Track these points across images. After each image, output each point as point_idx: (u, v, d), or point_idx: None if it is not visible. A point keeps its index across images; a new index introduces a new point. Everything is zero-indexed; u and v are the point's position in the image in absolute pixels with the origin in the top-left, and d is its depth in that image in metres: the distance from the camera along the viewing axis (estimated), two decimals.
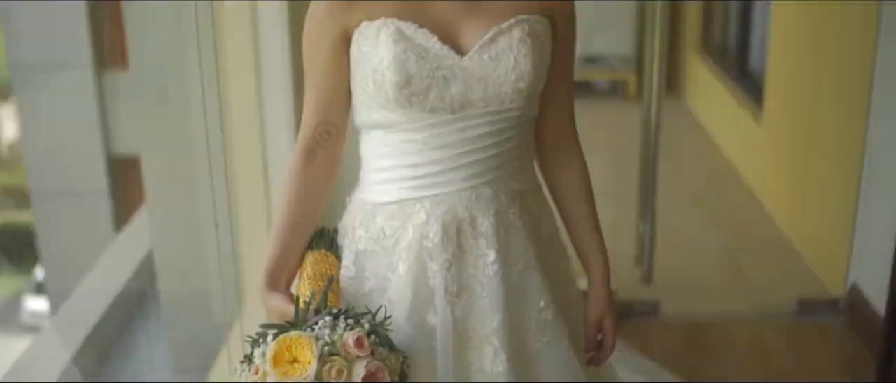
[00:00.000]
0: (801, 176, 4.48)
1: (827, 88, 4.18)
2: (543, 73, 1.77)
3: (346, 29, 1.74)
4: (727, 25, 6.33)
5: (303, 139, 1.83)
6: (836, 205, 3.98)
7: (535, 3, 1.76)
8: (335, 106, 1.80)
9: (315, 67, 1.79)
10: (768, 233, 4.61)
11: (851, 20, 3.86)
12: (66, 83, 4.36)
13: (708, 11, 6.78)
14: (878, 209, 3.54)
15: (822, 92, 4.23)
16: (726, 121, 5.95)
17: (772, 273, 4.18)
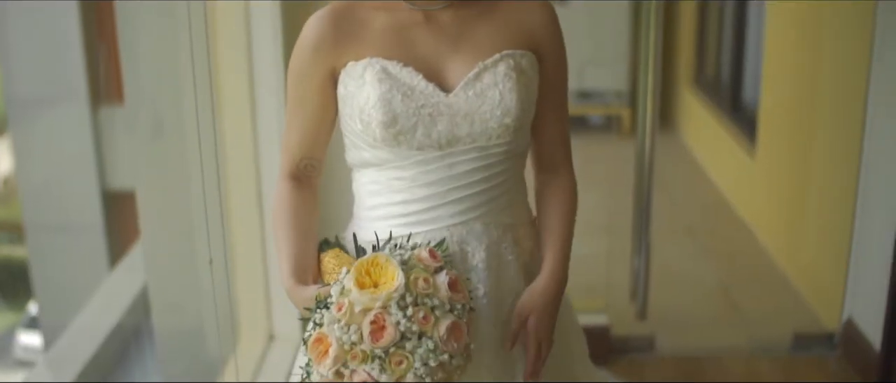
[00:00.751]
0: (796, 209, 4.48)
1: (821, 122, 4.19)
2: (530, 106, 1.78)
3: (333, 68, 1.75)
4: (720, 60, 6.36)
5: (287, 169, 1.85)
6: (830, 238, 3.98)
7: (521, 37, 1.77)
8: (319, 141, 1.82)
9: (302, 105, 1.80)
10: (763, 267, 4.61)
11: (844, 54, 3.88)
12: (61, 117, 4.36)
13: (701, 46, 6.80)
14: (873, 242, 3.55)
15: (816, 125, 4.25)
16: (720, 154, 5.96)
17: (767, 307, 4.18)
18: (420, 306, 1.51)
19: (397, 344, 1.49)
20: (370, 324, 1.49)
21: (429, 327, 1.51)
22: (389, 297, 1.50)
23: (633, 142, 3.87)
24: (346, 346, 1.50)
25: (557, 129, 1.87)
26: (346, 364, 1.50)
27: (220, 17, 3.15)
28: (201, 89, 2.63)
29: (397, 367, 1.49)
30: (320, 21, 1.76)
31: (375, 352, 1.49)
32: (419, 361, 1.49)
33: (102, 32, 3.97)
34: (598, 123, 6.88)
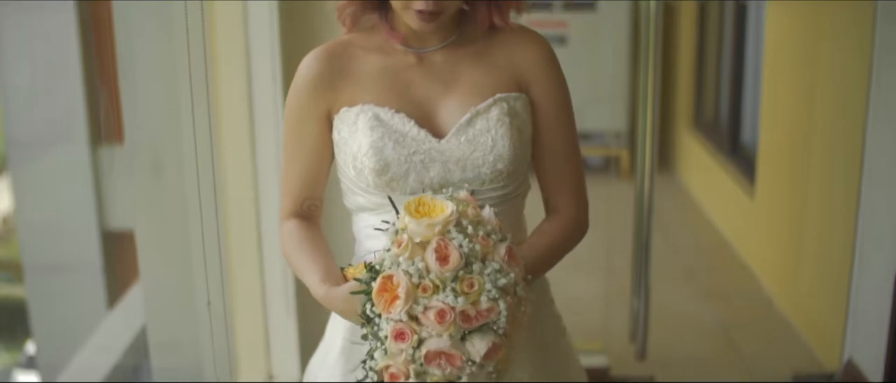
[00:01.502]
0: (795, 250, 4.48)
1: (819, 162, 4.20)
2: (524, 150, 1.78)
3: (329, 108, 1.76)
4: (718, 101, 6.38)
5: (289, 209, 1.85)
6: (830, 278, 3.98)
7: (514, 78, 1.78)
8: (320, 180, 1.83)
9: (301, 145, 1.80)
10: (763, 308, 4.60)
11: (842, 94, 3.90)
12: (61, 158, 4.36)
13: (699, 87, 6.83)
14: (873, 282, 3.54)
15: (815, 166, 4.25)
16: (719, 195, 5.97)
17: (766, 347, 4.17)
18: (477, 229, 1.52)
19: (464, 269, 1.48)
20: (434, 253, 1.48)
21: (489, 249, 1.51)
22: (447, 221, 1.50)
23: (632, 183, 3.88)
24: (414, 280, 1.48)
25: (559, 168, 1.86)
26: (417, 301, 1.47)
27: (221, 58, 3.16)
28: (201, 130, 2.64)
29: (470, 290, 1.47)
30: (315, 61, 1.77)
31: (445, 277, 1.47)
32: (489, 282, 1.48)
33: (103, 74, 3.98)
34: (597, 164, 6.89)
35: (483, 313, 1.47)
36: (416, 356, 1.47)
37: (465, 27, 1.79)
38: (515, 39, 1.81)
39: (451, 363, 1.47)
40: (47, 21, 4.11)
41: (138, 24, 3.00)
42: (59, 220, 4.40)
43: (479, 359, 1.46)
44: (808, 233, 4.32)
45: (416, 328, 1.47)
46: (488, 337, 1.47)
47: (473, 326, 1.47)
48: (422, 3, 1.65)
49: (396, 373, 1.48)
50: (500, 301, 1.47)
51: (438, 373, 1.47)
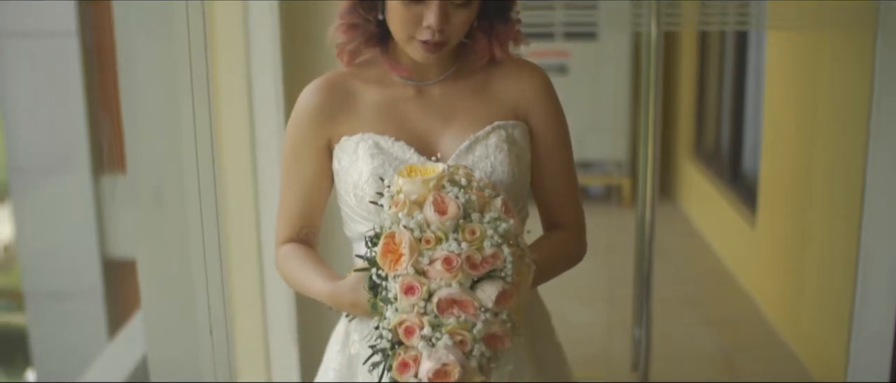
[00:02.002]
0: (796, 278, 4.48)
1: (820, 190, 4.20)
2: (523, 176, 1.79)
3: (329, 138, 1.77)
4: (719, 130, 6.39)
5: (285, 236, 1.85)
6: (831, 306, 3.97)
7: (512, 108, 1.79)
8: (317, 209, 1.84)
9: (300, 174, 1.81)
10: (764, 336, 4.59)
11: (843, 123, 3.90)
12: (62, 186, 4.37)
13: (700, 116, 6.84)
14: (875, 310, 3.54)
15: (816, 194, 4.26)
16: (720, 224, 5.97)
17: (768, 376, 4.16)
18: (470, 184, 1.55)
19: (463, 219, 1.51)
20: (432, 206, 1.51)
21: (485, 200, 1.54)
22: (441, 176, 1.54)
23: (634, 211, 3.88)
24: (416, 234, 1.49)
25: (558, 195, 1.87)
26: (421, 254, 1.49)
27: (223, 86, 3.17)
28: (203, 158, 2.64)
29: (473, 237, 1.49)
30: (315, 92, 1.79)
31: (447, 227, 1.49)
32: (490, 229, 1.50)
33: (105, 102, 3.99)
34: (599, 193, 6.90)
35: (488, 259, 1.48)
36: (428, 308, 1.48)
37: (464, 60, 1.81)
38: (513, 71, 1.82)
39: (464, 309, 1.47)
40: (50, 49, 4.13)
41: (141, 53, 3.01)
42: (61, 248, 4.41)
43: (491, 305, 1.47)
44: (809, 261, 4.32)
45: (424, 281, 1.48)
46: (497, 284, 1.48)
47: (481, 272, 1.48)
48: (427, 34, 1.66)
49: (411, 327, 1.48)
50: (504, 246, 1.49)
51: (453, 322, 1.47)
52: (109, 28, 3.20)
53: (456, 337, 1.46)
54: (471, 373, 1.47)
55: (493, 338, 1.49)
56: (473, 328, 1.47)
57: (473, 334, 1.46)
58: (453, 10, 1.67)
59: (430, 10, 1.65)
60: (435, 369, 1.45)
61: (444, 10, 1.66)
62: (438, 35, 1.66)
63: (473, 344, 1.47)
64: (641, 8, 3.48)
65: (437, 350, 1.46)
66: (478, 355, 1.47)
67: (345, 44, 1.78)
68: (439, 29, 1.66)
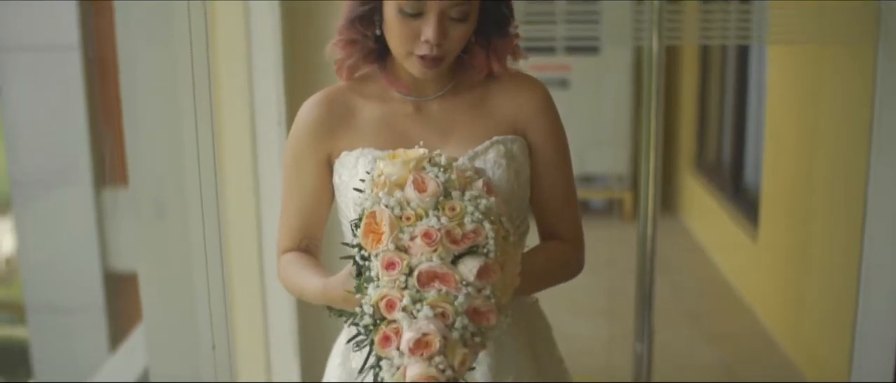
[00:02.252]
0: (799, 292, 4.48)
1: (822, 204, 4.20)
2: (523, 192, 1.79)
3: (329, 153, 1.77)
4: (721, 144, 6.39)
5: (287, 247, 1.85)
6: (833, 320, 3.97)
7: (511, 123, 1.79)
8: (318, 222, 1.84)
9: (300, 188, 1.82)
10: (766, 350, 4.59)
11: (845, 136, 3.91)
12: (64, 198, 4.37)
13: (702, 130, 6.85)
14: (876, 324, 3.54)
15: (818, 207, 4.26)
16: (722, 238, 5.97)
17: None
18: (451, 166, 1.56)
19: (444, 197, 1.51)
20: (412, 185, 1.51)
21: (466, 180, 1.54)
22: (421, 158, 1.54)
23: (635, 225, 3.88)
24: (396, 212, 1.50)
25: (557, 209, 1.87)
26: (402, 230, 1.48)
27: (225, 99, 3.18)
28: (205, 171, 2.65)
29: (453, 213, 1.49)
30: (315, 106, 1.79)
31: (426, 204, 1.50)
32: (471, 205, 1.50)
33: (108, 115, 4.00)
34: (600, 207, 6.91)
35: (469, 235, 1.48)
36: (409, 283, 1.46)
37: (462, 75, 1.81)
38: (512, 85, 1.82)
39: (445, 283, 1.46)
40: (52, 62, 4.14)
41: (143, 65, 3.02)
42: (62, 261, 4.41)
43: (473, 278, 1.46)
44: (811, 275, 4.32)
45: (404, 257, 1.47)
46: (479, 259, 1.47)
47: (462, 248, 1.47)
48: (425, 48, 1.67)
49: (392, 300, 1.47)
50: (485, 222, 1.49)
51: (434, 294, 1.46)
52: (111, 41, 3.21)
53: (437, 309, 1.45)
54: (453, 345, 1.45)
55: (477, 314, 1.47)
56: (455, 301, 1.45)
57: (455, 306, 1.45)
58: (451, 24, 1.68)
59: (428, 24, 1.66)
60: (415, 339, 1.43)
61: (441, 24, 1.66)
62: (436, 50, 1.67)
63: (455, 316, 1.45)
64: (643, 22, 3.48)
65: (418, 321, 1.44)
66: (460, 328, 1.45)
67: (343, 59, 1.79)
68: (437, 43, 1.66)
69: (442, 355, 1.43)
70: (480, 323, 1.47)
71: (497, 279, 1.48)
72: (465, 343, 1.46)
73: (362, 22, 1.73)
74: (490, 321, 1.47)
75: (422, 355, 1.43)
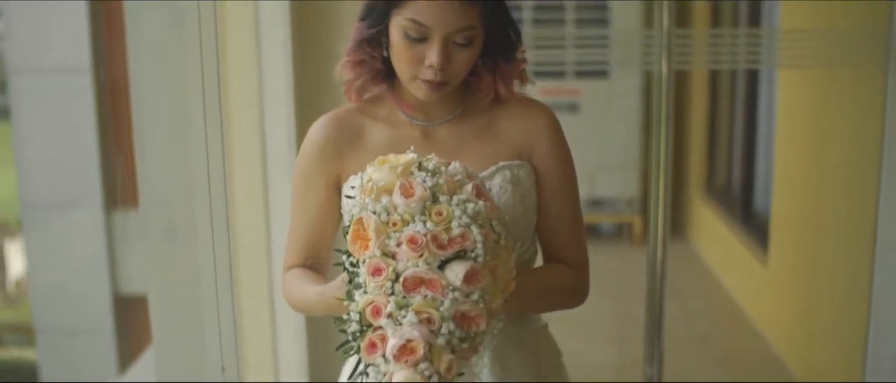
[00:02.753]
0: (809, 317, 4.46)
1: (832, 229, 4.19)
2: (529, 217, 1.79)
3: (338, 175, 1.78)
4: (731, 168, 6.39)
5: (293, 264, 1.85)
6: (844, 346, 3.95)
7: (517, 148, 1.80)
8: (325, 242, 1.84)
9: (306, 208, 1.82)
10: (776, 375, 4.57)
11: (854, 161, 3.90)
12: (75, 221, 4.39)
13: (712, 154, 6.84)
14: (888, 350, 3.52)
15: (828, 232, 4.25)
16: (732, 262, 5.95)
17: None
18: (440, 170, 1.55)
19: (431, 202, 1.50)
20: (399, 190, 1.51)
21: (455, 185, 1.53)
22: (409, 163, 1.54)
23: (645, 249, 3.87)
24: (383, 218, 1.49)
25: (562, 234, 1.86)
26: (388, 236, 1.48)
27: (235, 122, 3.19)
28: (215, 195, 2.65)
29: (440, 218, 1.48)
30: (323, 126, 1.80)
31: (413, 210, 1.49)
32: (458, 210, 1.49)
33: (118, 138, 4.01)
34: (610, 231, 6.90)
35: (456, 239, 1.47)
36: (395, 289, 1.46)
37: (470, 99, 1.82)
38: (519, 111, 1.83)
39: (431, 288, 1.45)
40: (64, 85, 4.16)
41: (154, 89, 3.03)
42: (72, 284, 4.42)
43: (459, 283, 1.45)
44: (821, 300, 4.30)
45: (390, 262, 1.46)
46: (466, 263, 1.46)
47: (448, 253, 1.46)
48: (430, 73, 1.68)
49: (378, 306, 1.46)
50: (473, 227, 1.48)
51: (419, 299, 1.45)
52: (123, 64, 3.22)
53: (422, 314, 1.44)
54: (438, 351, 1.43)
55: (465, 319, 1.46)
56: (441, 306, 1.44)
57: (441, 312, 1.44)
58: (455, 49, 1.69)
59: (432, 49, 1.67)
60: (399, 346, 1.42)
61: (445, 49, 1.67)
62: (440, 74, 1.68)
63: (441, 322, 1.44)
64: (652, 47, 3.49)
65: (403, 327, 1.43)
66: (447, 333, 1.44)
67: (352, 81, 1.80)
68: (440, 68, 1.67)
69: (427, 361, 1.42)
70: (469, 329, 1.46)
71: (486, 283, 1.47)
72: (452, 349, 1.45)
73: (370, 44, 1.74)
74: (479, 326, 1.46)
75: (406, 361, 1.42)
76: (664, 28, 3.42)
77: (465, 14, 1.67)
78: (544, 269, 1.86)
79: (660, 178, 3.64)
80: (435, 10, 1.65)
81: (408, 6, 1.67)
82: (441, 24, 1.66)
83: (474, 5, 1.68)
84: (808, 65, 4.04)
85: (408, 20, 1.67)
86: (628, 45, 3.55)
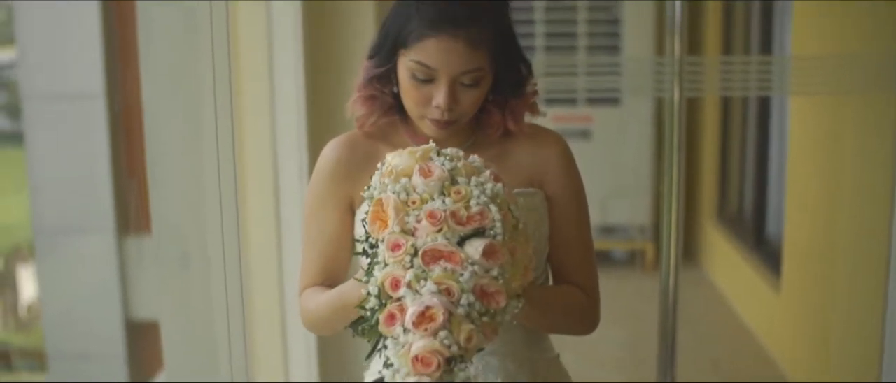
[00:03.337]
0: (822, 344, 4.44)
1: (845, 254, 4.18)
2: (541, 245, 1.79)
3: (351, 199, 1.78)
4: (743, 194, 6.37)
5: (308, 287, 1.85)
6: (858, 373, 3.93)
7: (529, 176, 1.80)
8: (340, 264, 1.84)
9: (320, 232, 1.82)
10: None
11: (867, 185, 3.89)
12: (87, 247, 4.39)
13: (723, 180, 6.83)
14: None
15: (840, 258, 4.23)
16: (744, 289, 5.93)
17: None
18: (458, 157, 1.57)
19: (450, 183, 1.51)
20: (418, 172, 1.52)
21: (472, 170, 1.55)
22: (427, 150, 1.56)
23: (657, 276, 3.87)
24: (402, 197, 1.50)
25: (574, 261, 1.86)
26: (408, 214, 1.49)
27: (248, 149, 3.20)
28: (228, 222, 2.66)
29: (458, 196, 1.49)
30: (336, 148, 1.81)
31: (432, 188, 1.50)
32: (477, 189, 1.50)
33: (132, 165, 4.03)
34: (622, 258, 6.88)
35: (475, 217, 1.48)
36: (414, 263, 1.46)
37: (481, 132, 1.82)
38: (530, 139, 1.83)
39: (450, 261, 1.45)
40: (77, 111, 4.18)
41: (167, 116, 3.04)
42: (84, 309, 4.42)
43: (478, 257, 1.45)
44: (834, 327, 4.28)
45: (410, 238, 1.47)
46: (485, 239, 1.47)
47: (467, 229, 1.47)
48: (437, 112, 1.69)
49: (397, 279, 1.46)
50: (491, 205, 1.49)
51: (438, 270, 1.44)
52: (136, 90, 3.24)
53: (441, 285, 1.43)
54: (458, 320, 1.42)
55: (485, 294, 1.45)
56: (460, 278, 1.44)
57: (460, 283, 1.43)
58: (462, 89, 1.70)
59: (440, 90, 1.68)
60: (418, 312, 1.42)
61: (452, 90, 1.68)
62: (447, 114, 1.69)
63: (461, 293, 1.43)
64: (664, 74, 3.49)
65: (422, 295, 1.43)
66: (466, 305, 1.43)
67: (365, 116, 1.80)
68: (447, 109, 1.69)
69: (446, 330, 1.42)
70: (488, 304, 1.46)
71: (505, 261, 1.47)
72: (472, 321, 1.44)
73: (380, 80, 1.76)
74: (499, 303, 1.46)
75: (425, 329, 1.42)
76: (676, 55, 3.43)
77: (471, 56, 1.67)
78: (556, 287, 1.86)
79: (672, 205, 3.64)
80: (441, 53, 1.66)
81: (414, 48, 1.67)
82: (447, 66, 1.67)
83: (481, 47, 1.68)
84: (820, 91, 4.04)
85: (414, 62, 1.68)
86: (640, 72, 3.56)
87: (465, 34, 1.66)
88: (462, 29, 1.66)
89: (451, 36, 1.66)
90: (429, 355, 1.41)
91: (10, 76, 4.34)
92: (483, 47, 1.68)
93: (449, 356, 1.41)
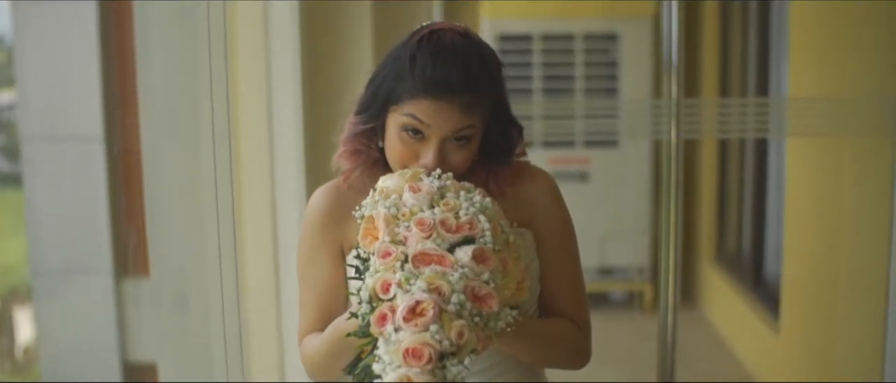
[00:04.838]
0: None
1: (844, 296, 4.17)
2: (533, 284, 1.79)
3: (341, 245, 1.78)
4: (741, 235, 6.37)
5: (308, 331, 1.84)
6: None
7: (513, 216, 1.79)
8: (337, 311, 1.83)
9: (315, 279, 1.82)
10: None
11: (865, 227, 3.90)
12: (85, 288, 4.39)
13: (721, 221, 6.83)
14: None
15: (839, 299, 4.23)
16: (743, 330, 5.92)
17: None
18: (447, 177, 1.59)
19: (440, 196, 1.54)
20: (408, 190, 1.54)
21: (461, 188, 1.57)
22: (417, 172, 1.59)
23: (656, 318, 3.86)
24: (392, 211, 1.52)
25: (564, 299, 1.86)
26: (397, 226, 1.50)
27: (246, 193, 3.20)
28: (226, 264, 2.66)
29: (447, 207, 1.51)
30: (324, 194, 1.82)
31: (422, 200, 1.52)
32: (466, 202, 1.52)
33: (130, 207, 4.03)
34: (620, 300, 6.87)
35: (463, 225, 1.49)
36: (405, 268, 1.46)
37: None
38: (517, 179, 1.83)
39: (440, 264, 1.45)
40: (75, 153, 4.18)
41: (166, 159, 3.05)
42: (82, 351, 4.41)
43: (468, 260, 1.45)
44: (834, 368, 4.27)
45: (401, 247, 1.48)
46: (475, 245, 1.48)
47: (456, 237, 1.48)
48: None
49: (387, 281, 1.46)
50: (481, 216, 1.50)
51: (428, 271, 1.45)
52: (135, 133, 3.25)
53: (432, 285, 1.43)
54: (449, 317, 1.42)
55: (476, 297, 1.45)
56: (450, 278, 1.44)
57: (451, 283, 1.43)
58: (451, 148, 1.69)
59: (428, 150, 1.68)
60: (409, 307, 1.42)
61: (441, 151, 1.68)
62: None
63: (451, 293, 1.43)
64: (661, 117, 3.51)
65: (413, 292, 1.43)
66: (457, 303, 1.43)
67: (350, 170, 1.80)
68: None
69: (437, 324, 1.41)
70: (481, 307, 1.45)
71: (495, 267, 1.48)
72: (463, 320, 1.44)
73: (366, 135, 1.76)
74: (491, 306, 1.46)
75: (415, 324, 1.41)
76: (673, 98, 3.45)
77: (465, 116, 1.67)
78: (549, 320, 1.85)
79: (670, 246, 3.64)
80: (436, 111, 1.66)
81: (408, 103, 1.67)
82: (440, 125, 1.66)
83: (476, 112, 1.68)
84: (817, 133, 4.06)
85: (407, 115, 1.67)
86: (637, 114, 3.57)
87: (460, 100, 1.66)
88: (457, 95, 1.66)
89: (447, 101, 1.65)
90: (420, 347, 1.40)
91: (9, 118, 4.35)
92: (477, 112, 1.68)
93: (440, 350, 1.41)
